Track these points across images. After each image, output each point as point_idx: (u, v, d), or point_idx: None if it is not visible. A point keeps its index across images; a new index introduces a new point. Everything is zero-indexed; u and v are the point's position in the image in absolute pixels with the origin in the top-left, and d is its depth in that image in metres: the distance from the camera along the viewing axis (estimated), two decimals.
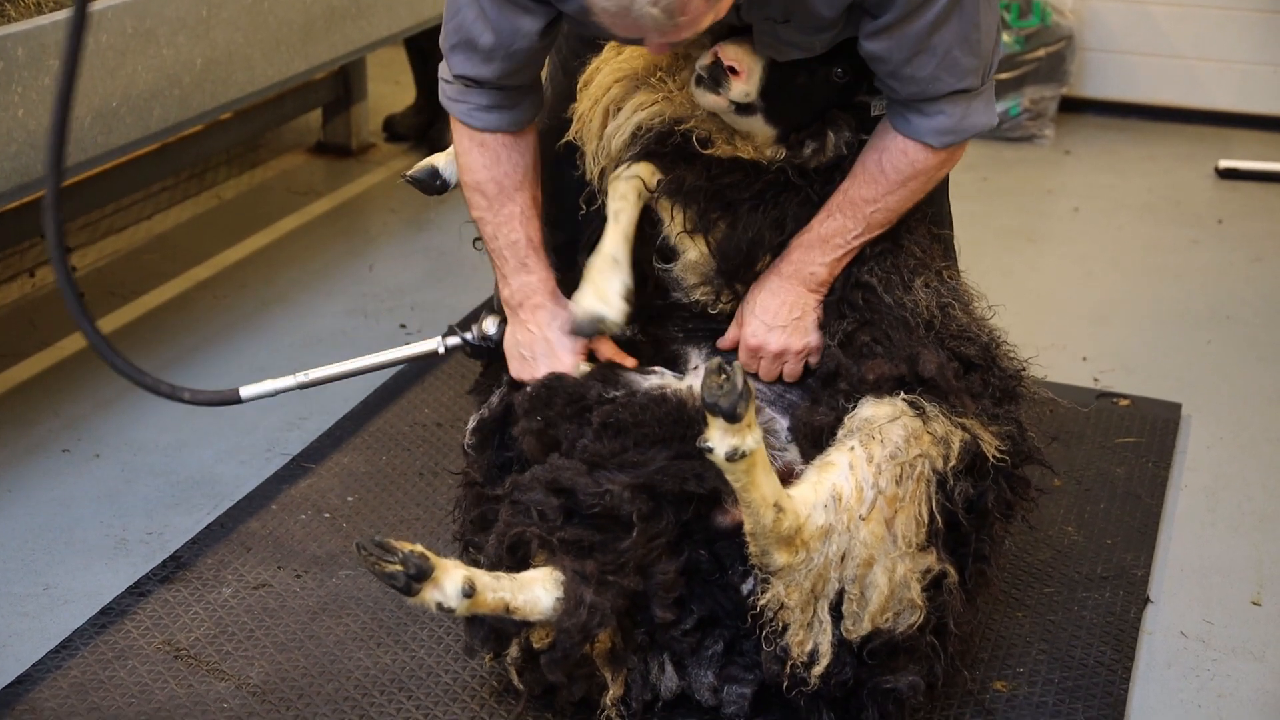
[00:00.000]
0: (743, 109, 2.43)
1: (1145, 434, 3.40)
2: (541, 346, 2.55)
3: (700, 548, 2.34)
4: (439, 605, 2.18)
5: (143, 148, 3.44)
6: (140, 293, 4.04)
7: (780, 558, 2.20)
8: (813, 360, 2.53)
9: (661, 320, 2.60)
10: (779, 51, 2.38)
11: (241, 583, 2.77)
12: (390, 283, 4.18)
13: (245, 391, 2.81)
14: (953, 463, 2.35)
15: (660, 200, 2.50)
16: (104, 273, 4.15)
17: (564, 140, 2.62)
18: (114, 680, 2.49)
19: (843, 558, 2.24)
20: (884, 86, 2.40)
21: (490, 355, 2.72)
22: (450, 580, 2.18)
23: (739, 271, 2.52)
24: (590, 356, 2.55)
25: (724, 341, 2.57)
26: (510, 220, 2.54)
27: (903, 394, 2.35)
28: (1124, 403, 3.54)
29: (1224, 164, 5.25)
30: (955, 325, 2.50)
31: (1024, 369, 2.61)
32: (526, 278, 2.55)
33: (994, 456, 2.38)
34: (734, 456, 2.06)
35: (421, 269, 4.27)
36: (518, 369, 2.58)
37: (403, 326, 3.90)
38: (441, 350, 2.78)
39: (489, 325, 2.71)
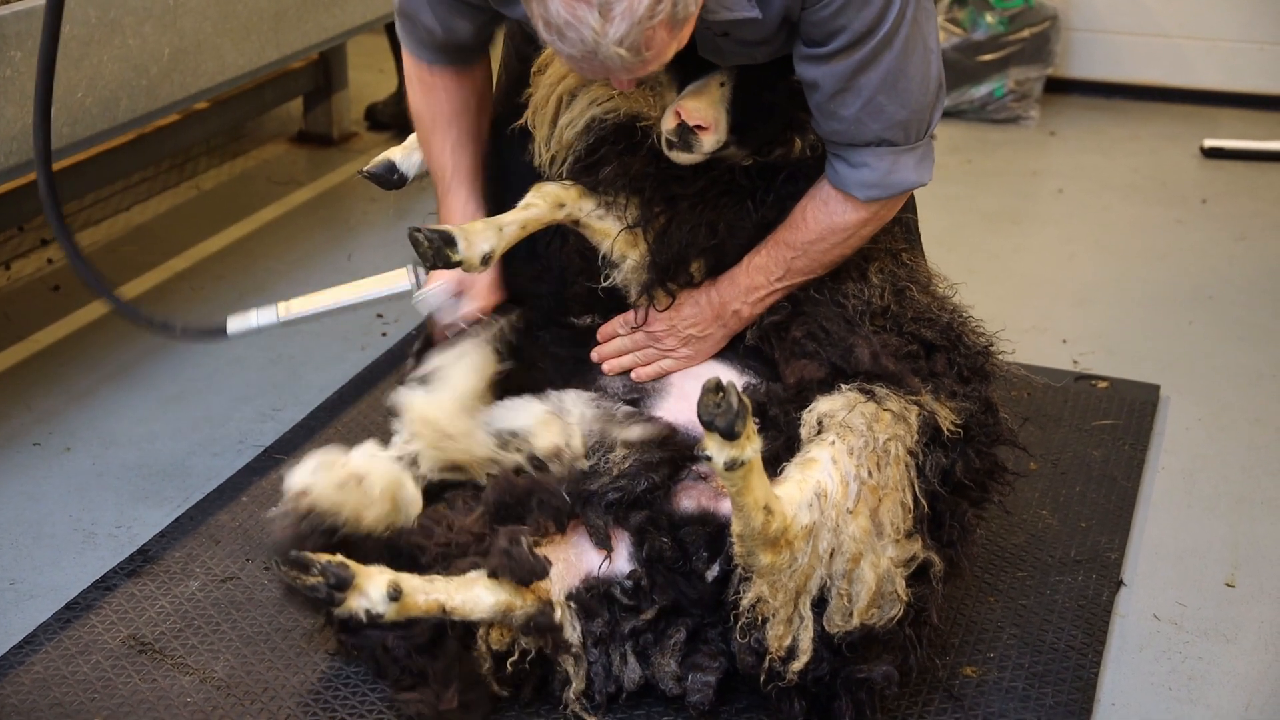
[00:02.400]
0: (717, 151, 2.42)
1: (1123, 416, 3.38)
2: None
3: (663, 535, 2.33)
4: (367, 612, 2.16)
5: (110, 140, 3.41)
6: (118, 284, 4.01)
7: (765, 558, 2.18)
8: (662, 370, 2.57)
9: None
10: (722, 59, 2.37)
11: (209, 576, 2.75)
12: (368, 272, 4.12)
13: (231, 324, 2.74)
14: (915, 437, 2.34)
15: (599, 222, 2.51)
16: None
17: (515, 126, 2.61)
18: (77, 675, 2.48)
19: (831, 554, 2.22)
20: (814, 120, 2.38)
21: None
22: (374, 585, 2.16)
23: (671, 269, 2.51)
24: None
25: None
26: (442, 150, 2.64)
27: (844, 385, 2.33)
28: (1102, 385, 3.52)
29: (1209, 143, 5.23)
30: (914, 309, 2.48)
31: (991, 344, 2.59)
32: (450, 201, 2.66)
33: (948, 430, 2.36)
34: (733, 466, 2.04)
35: (401, 258, 4.20)
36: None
37: (379, 316, 3.88)
38: (413, 288, 2.76)
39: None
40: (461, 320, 2.63)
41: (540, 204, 2.46)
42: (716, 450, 2.03)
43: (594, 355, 2.62)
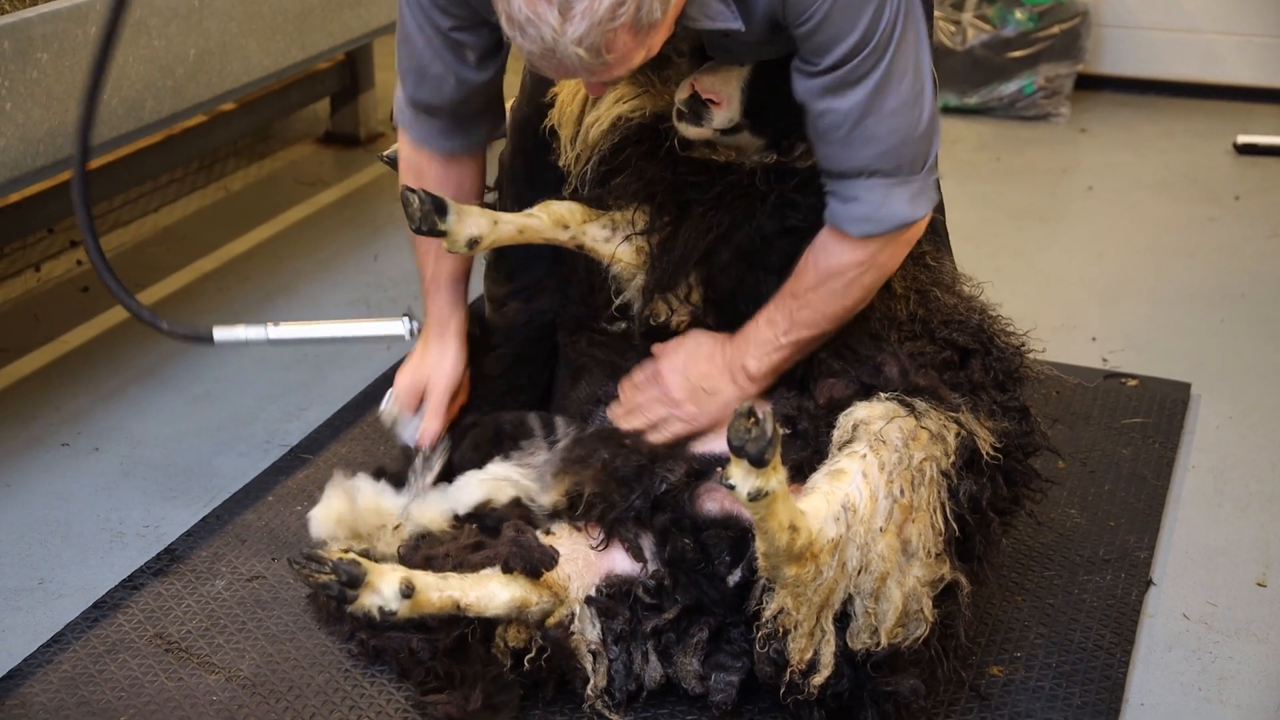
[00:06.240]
0: (728, 131, 2.41)
1: (1153, 414, 3.35)
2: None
3: (686, 536, 2.32)
4: (380, 609, 2.17)
5: (135, 141, 3.43)
6: (145, 285, 4.04)
7: (789, 570, 2.15)
8: (674, 434, 2.50)
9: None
10: (732, 56, 2.36)
11: (235, 575, 2.76)
12: (394, 273, 4.17)
13: (218, 334, 2.80)
14: (952, 459, 2.31)
15: (605, 245, 2.50)
16: (110, 266, 4.15)
17: (544, 126, 2.61)
18: (104, 674, 2.49)
19: (859, 572, 2.19)
20: (812, 144, 2.35)
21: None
22: (386, 583, 2.16)
23: (666, 278, 2.47)
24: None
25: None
26: (427, 253, 2.67)
27: (884, 395, 2.31)
28: (1132, 383, 3.49)
29: (1242, 139, 5.17)
30: (941, 311, 2.45)
31: (1024, 344, 2.56)
32: (430, 303, 2.72)
33: (988, 454, 2.33)
34: (757, 497, 2.00)
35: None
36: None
37: (406, 315, 3.88)
38: (407, 336, 2.86)
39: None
40: (419, 440, 2.66)
41: (542, 218, 2.44)
42: (741, 479, 1.98)
43: (608, 414, 2.56)
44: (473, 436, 2.61)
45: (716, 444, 2.45)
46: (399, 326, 2.85)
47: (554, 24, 1.98)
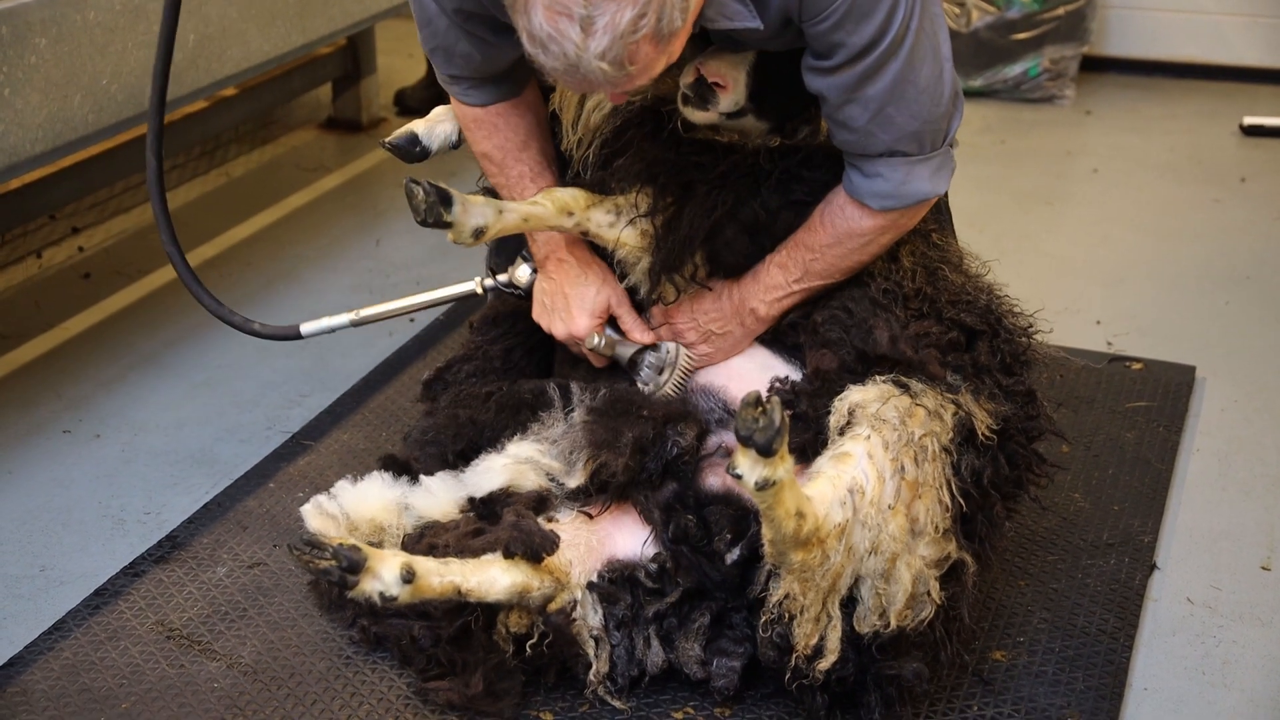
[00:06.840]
0: (733, 115, 2.39)
1: (1157, 398, 3.34)
2: (560, 301, 2.58)
3: (689, 513, 2.31)
4: (381, 595, 2.17)
5: (135, 126, 3.40)
6: (147, 272, 4.03)
7: (796, 556, 2.13)
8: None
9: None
10: (736, 48, 2.35)
11: (236, 562, 2.76)
12: (396, 258, 4.16)
13: (305, 328, 2.88)
14: (950, 435, 2.30)
15: (610, 231, 2.47)
16: (111, 252, 4.15)
17: (546, 110, 2.59)
18: (106, 661, 2.49)
19: (869, 553, 2.18)
20: (830, 130, 2.35)
21: (519, 300, 2.76)
22: (387, 568, 2.16)
23: (672, 259, 2.46)
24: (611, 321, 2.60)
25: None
26: (521, 180, 2.57)
27: (879, 376, 2.29)
28: (1137, 366, 3.48)
29: (1248, 121, 5.15)
30: (949, 291, 2.44)
31: (1031, 325, 2.55)
32: (547, 233, 2.57)
33: (984, 435, 2.32)
34: (765, 486, 1.99)
35: (428, 244, 4.24)
36: (538, 313, 2.64)
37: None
38: (479, 291, 2.82)
39: (520, 273, 2.72)
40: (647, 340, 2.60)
41: (546, 205, 2.41)
42: (749, 469, 1.98)
43: None
44: (496, 401, 2.60)
45: (722, 373, 2.52)
46: (473, 286, 2.83)
47: (576, 40, 1.97)
